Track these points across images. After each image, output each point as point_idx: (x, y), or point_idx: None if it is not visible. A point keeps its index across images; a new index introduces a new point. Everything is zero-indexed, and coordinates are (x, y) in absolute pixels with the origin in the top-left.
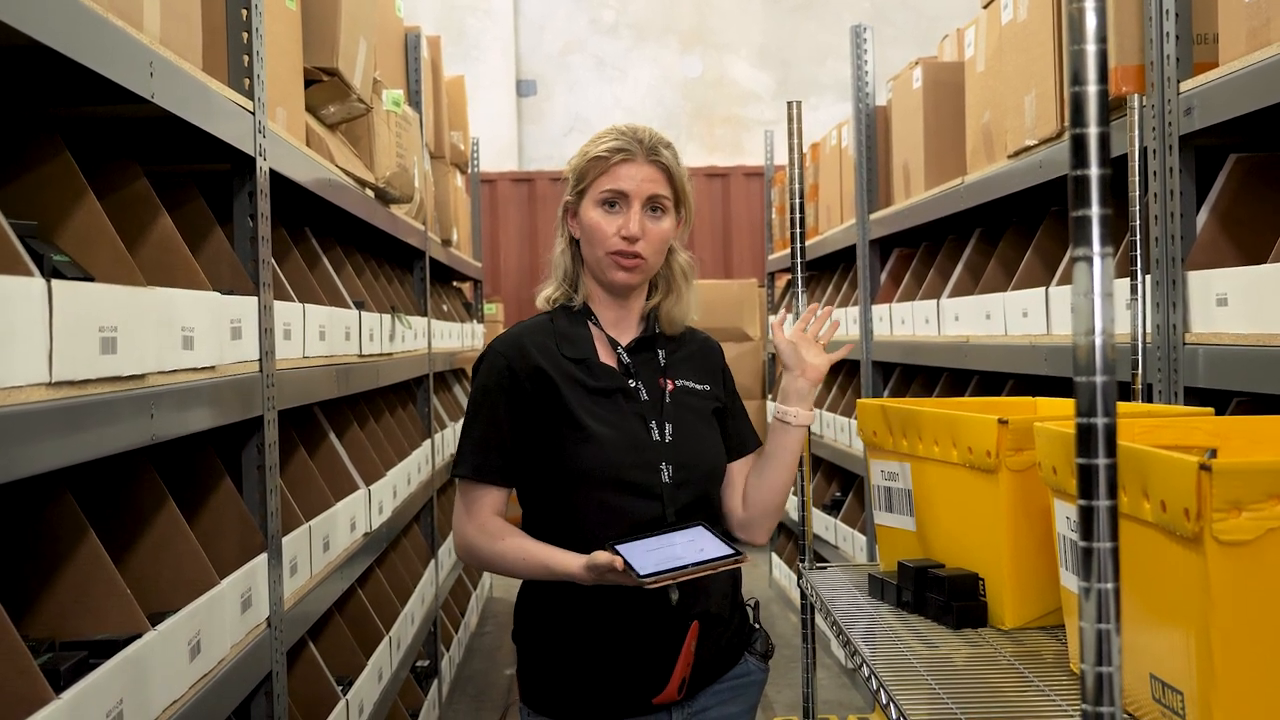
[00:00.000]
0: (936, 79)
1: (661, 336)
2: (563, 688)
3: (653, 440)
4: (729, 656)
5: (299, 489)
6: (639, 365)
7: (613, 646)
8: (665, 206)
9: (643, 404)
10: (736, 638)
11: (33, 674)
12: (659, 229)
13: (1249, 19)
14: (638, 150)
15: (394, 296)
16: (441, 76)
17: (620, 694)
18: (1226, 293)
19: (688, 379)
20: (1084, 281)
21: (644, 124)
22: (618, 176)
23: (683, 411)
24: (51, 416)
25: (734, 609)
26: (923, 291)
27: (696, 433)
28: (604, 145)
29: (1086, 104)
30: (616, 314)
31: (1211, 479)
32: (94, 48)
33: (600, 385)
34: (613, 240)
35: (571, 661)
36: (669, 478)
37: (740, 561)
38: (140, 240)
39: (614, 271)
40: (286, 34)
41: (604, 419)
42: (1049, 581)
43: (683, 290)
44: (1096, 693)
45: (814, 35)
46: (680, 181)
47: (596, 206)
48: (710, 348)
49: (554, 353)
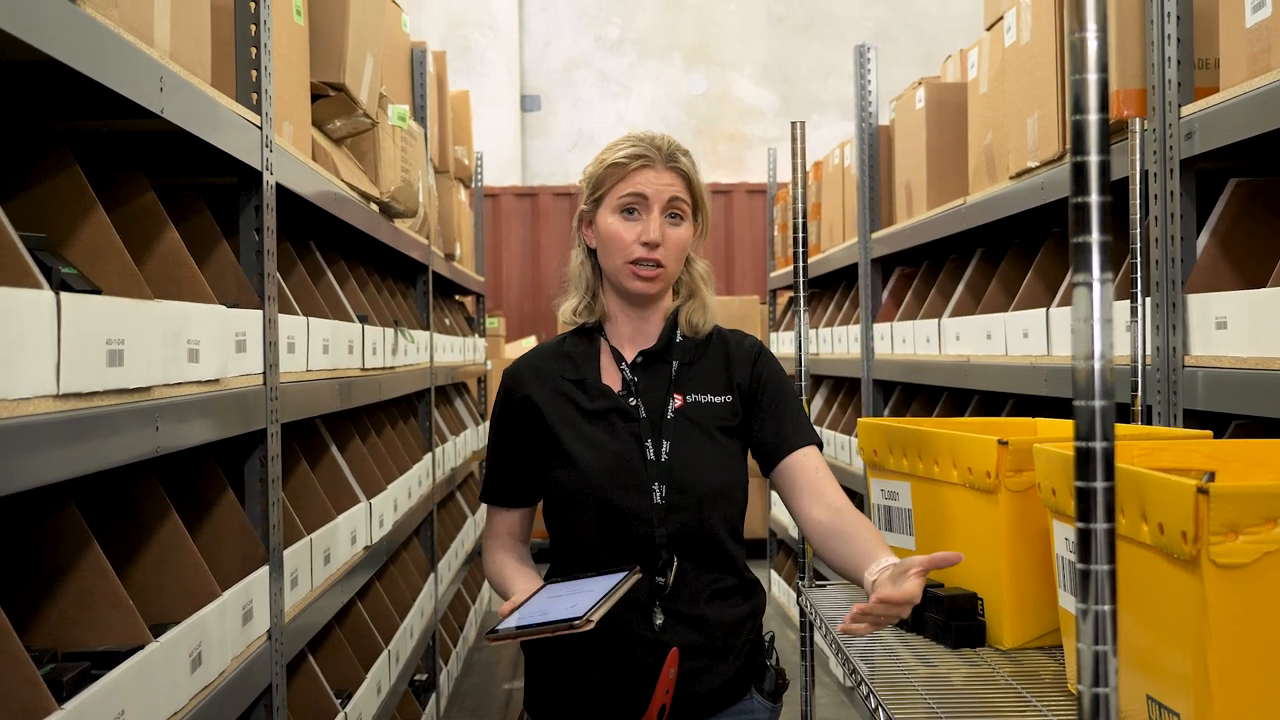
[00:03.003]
0: (939, 99)
1: (681, 344)
2: (557, 701)
3: (646, 460)
4: (730, 691)
5: (300, 502)
6: (646, 380)
7: (597, 666)
8: (684, 213)
9: (640, 422)
10: (741, 673)
11: (36, 684)
12: (678, 235)
13: (1250, 45)
14: (657, 156)
15: (397, 310)
16: (447, 91)
17: (606, 713)
18: (1226, 316)
19: (702, 393)
20: (1084, 307)
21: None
22: (637, 182)
23: (687, 428)
24: (58, 428)
25: (742, 643)
26: (924, 311)
27: (700, 451)
28: (622, 152)
29: (1088, 132)
30: (635, 325)
31: (1209, 502)
32: (107, 63)
33: (594, 407)
34: (633, 248)
35: (565, 676)
36: (661, 499)
37: (576, 629)
38: (147, 253)
39: (633, 281)
40: (294, 49)
41: (594, 442)
42: (1047, 602)
43: (704, 294)
44: (1094, 713)
45: (817, 54)
46: (698, 188)
47: (615, 214)
48: (740, 350)
49: (553, 377)
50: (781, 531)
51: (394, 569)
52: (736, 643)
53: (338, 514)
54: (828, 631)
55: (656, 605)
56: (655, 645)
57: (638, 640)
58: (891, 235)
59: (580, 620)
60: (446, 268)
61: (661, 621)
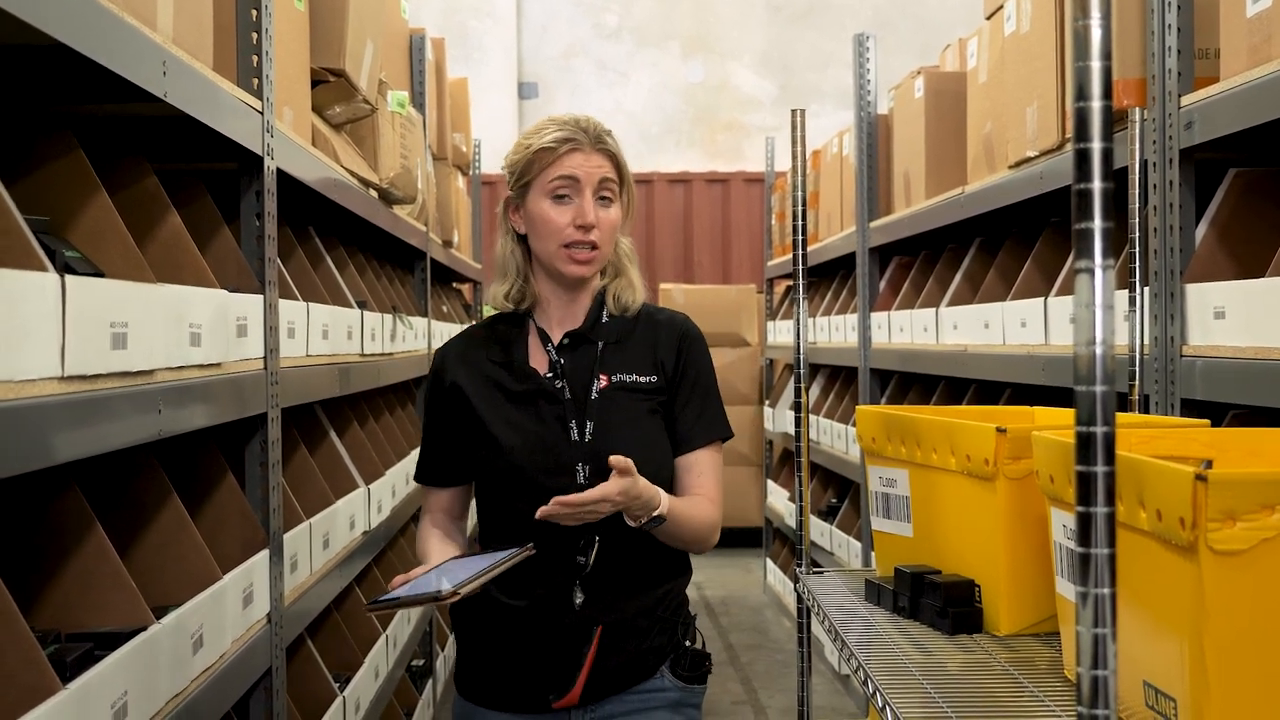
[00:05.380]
0: (938, 88)
1: (608, 324)
2: (484, 680)
3: (570, 441)
4: (640, 668)
5: (300, 487)
6: (572, 362)
7: (521, 645)
8: (613, 194)
9: (565, 404)
10: (654, 651)
11: (40, 664)
12: (609, 217)
13: (1250, 35)
14: (585, 139)
15: (395, 297)
16: (445, 78)
17: (529, 691)
18: (1224, 306)
19: (628, 372)
20: (1086, 293)
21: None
22: (567, 165)
23: (612, 409)
24: (63, 410)
25: (653, 621)
26: (921, 300)
27: (624, 432)
28: (549, 136)
29: (1091, 119)
30: (565, 308)
31: (1207, 489)
32: (110, 46)
33: (520, 390)
34: (567, 231)
35: (490, 656)
36: (585, 479)
37: (441, 600)
38: (149, 237)
39: (568, 265)
40: (294, 34)
41: (518, 425)
42: (1044, 589)
43: (630, 272)
44: (1092, 696)
45: (815, 43)
46: (625, 169)
47: (546, 198)
48: (668, 331)
49: (480, 361)
50: (777, 520)
51: (392, 555)
52: (650, 622)
53: (336, 499)
54: (826, 619)
55: (576, 584)
56: (576, 624)
57: (558, 619)
58: (889, 224)
59: (445, 593)
60: (444, 255)
61: (581, 600)
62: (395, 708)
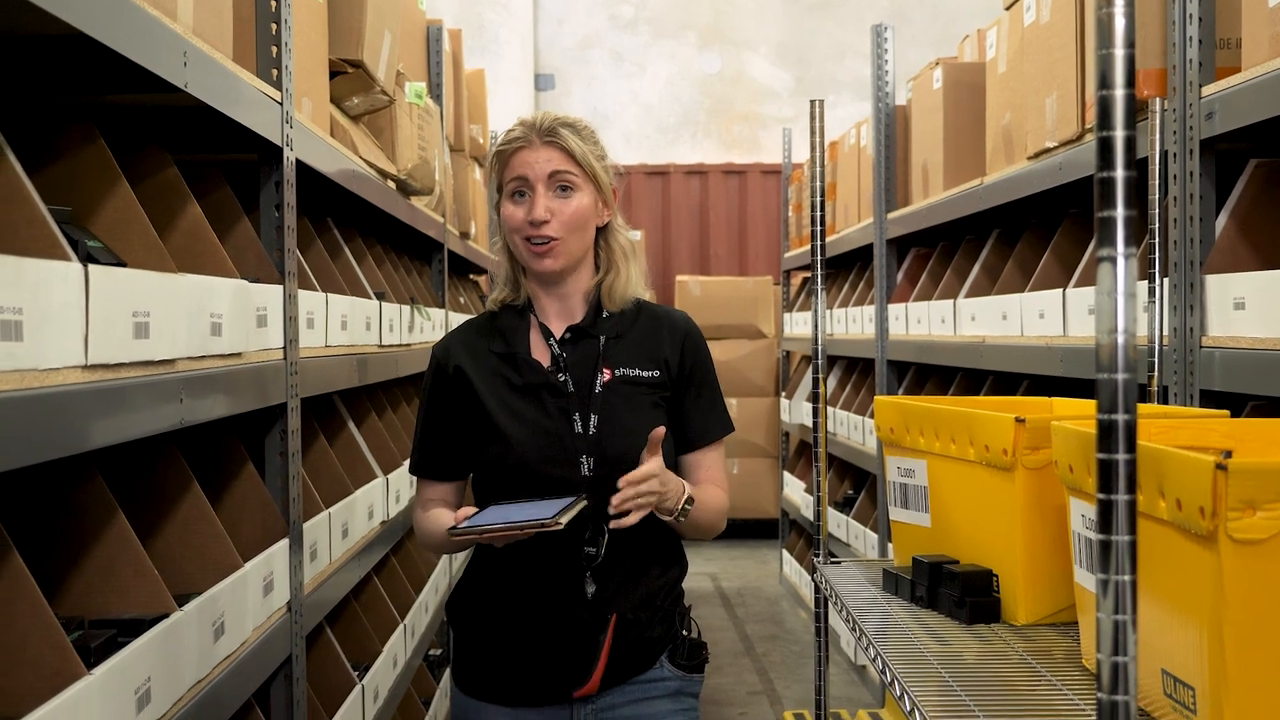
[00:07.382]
0: (957, 79)
1: (608, 319)
2: (493, 673)
3: (574, 433)
4: (642, 658)
5: (319, 476)
6: (575, 355)
7: (537, 637)
8: (573, 184)
9: (568, 397)
10: (655, 642)
11: (66, 649)
12: (569, 206)
13: (1272, 24)
14: (532, 135)
15: (413, 288)
16: (462, 70)
17: (545, 683)
18: (1244, 296)
19: (630, 366)
20: (1108, 281)
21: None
22: (516, 165)
23: (616, 401)
24: (86, 398)
25: (654, 612)
26: (939, 291)
27: (628, 425)
28: (503, 139)
29: (1114, 107)
30: (559, 304)
31: (1227, 478)
32: (131, 37)
33: (524, 381)
34: (524, 227)
35: (501, 649)
36: (589, 471)
37: (547, 528)
38: (170, 228)
39: (532, 260)
40: (313, 25)
41: (523, 416)
42: (1062, 579)
43: (623, 266)
44: (1113, 682)
45: (833, 34)
46: (585, 158)
47: (509, 199)
48: (669, 326)
49: (484, 351)
50: (794, 511)
51: (409, 544)
52: (651, 612)
53: (355, 489)
54: (843, 608)
55: (588, 575)
56: (591, 614)
57: (573, 610)
58: (907, 216)
59: (550, 520)
60: (461, 246)
61: (594, 590)
62: (413, 696)
